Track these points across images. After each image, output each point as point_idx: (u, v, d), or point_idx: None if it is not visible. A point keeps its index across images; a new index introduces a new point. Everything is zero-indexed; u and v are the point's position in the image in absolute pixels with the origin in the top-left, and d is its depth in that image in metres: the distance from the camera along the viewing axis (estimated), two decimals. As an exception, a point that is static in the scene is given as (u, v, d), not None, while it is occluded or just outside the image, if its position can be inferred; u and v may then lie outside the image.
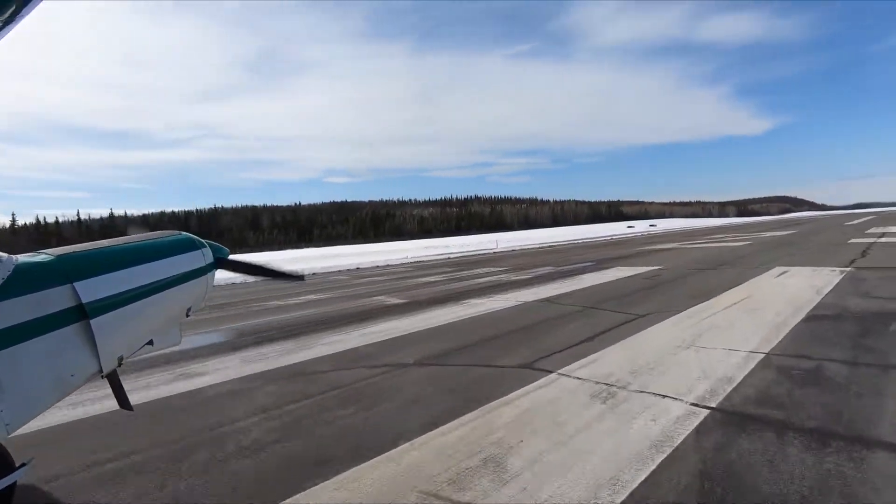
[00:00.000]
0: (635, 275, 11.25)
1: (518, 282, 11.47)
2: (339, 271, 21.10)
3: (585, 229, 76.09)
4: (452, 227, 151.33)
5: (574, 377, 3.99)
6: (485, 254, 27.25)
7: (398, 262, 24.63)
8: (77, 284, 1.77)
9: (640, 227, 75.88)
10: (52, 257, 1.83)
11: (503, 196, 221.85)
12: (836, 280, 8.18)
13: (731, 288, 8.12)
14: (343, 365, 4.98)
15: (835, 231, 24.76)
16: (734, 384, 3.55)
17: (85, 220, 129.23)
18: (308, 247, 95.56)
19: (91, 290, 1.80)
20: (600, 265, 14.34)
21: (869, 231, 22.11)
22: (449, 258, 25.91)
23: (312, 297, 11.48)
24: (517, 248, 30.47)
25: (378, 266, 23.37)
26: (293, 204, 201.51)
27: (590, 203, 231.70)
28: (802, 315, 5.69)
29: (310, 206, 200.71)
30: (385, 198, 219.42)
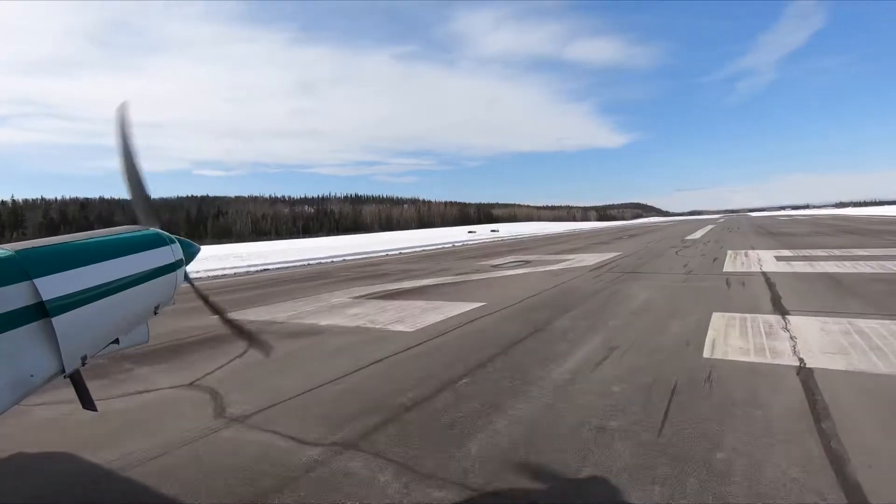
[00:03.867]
0: None
1: None
2: None
3: (422, 234, 64.27)
4: (299, 229, 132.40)
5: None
6: None
7: None
8: (37, 281, 1.60)
9: (483, 231, 66.06)
10: (11, 252, 1.64)
11: (389, 196, 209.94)
12: None
13: None
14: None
15: (675, 258, 13.91)
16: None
17: None
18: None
19: (52, 287, 1.63)
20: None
21: (743, 270, 11.09)
22: None
23: None
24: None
25: None
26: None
27: (460, 204, 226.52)
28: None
29: (160, 200, 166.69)
30: (259, 194, 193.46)
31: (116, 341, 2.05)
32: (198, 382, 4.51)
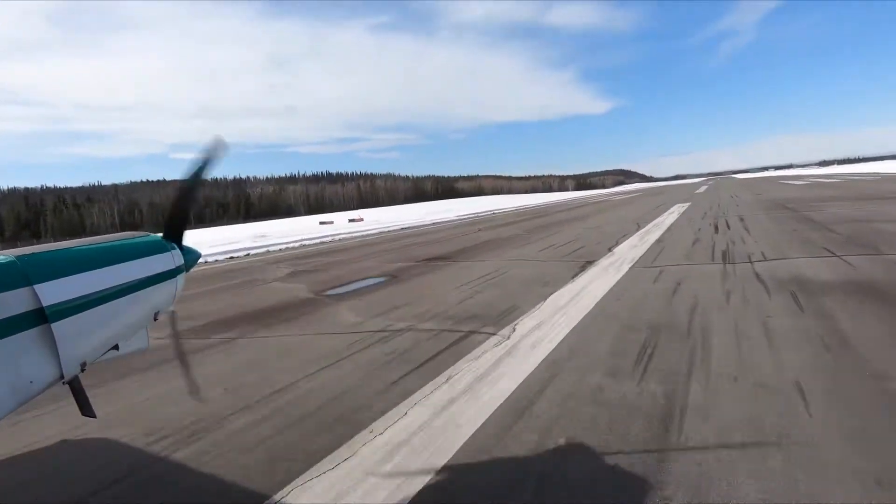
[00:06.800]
0: None
1: None
2: None
3: (230, 234, 40.96)
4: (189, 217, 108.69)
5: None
6: None
7: None
8: (37, 287, 1.59)
9: (341, 222, 42.76)
10: (12, 258, 1.64)
11: (366, 172, 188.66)
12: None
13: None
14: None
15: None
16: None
17: None
18: None
19: (53, 292, 1.63)
20: None
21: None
22: None
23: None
24: None
25: None
26: (92, 184, 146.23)
27: (414, 179, 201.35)
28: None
29: (110, 187, 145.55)
30: (240, 175, 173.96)
31: (116, 347, 2.04)
32: None
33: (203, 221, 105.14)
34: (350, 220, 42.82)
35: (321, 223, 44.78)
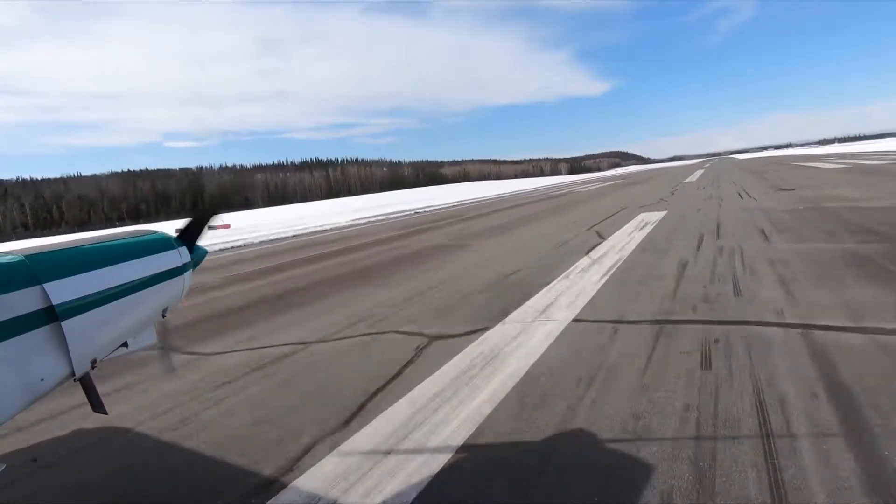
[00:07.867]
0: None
1: None
2: None
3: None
4: (123, 214, 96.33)
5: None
6: None
7: None
8: (47, 286, 1.61)
9: (236, 227, 31.62)
10: (21, 257, 1.67)
11: (361, 159, 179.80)
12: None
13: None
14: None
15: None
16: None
17: None
18: None
19: (62, 291, 1.65)
20: None
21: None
22: None
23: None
24: None
25: None
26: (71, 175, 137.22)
27: (392, 165, 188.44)
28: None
29: (91, 177, 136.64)
30: (234, 163, 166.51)
31: (125, 344, 2.06)
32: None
33: (138, 217, 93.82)
34: (208, 228, 31.46)
35: (176, 231, 33.58)
